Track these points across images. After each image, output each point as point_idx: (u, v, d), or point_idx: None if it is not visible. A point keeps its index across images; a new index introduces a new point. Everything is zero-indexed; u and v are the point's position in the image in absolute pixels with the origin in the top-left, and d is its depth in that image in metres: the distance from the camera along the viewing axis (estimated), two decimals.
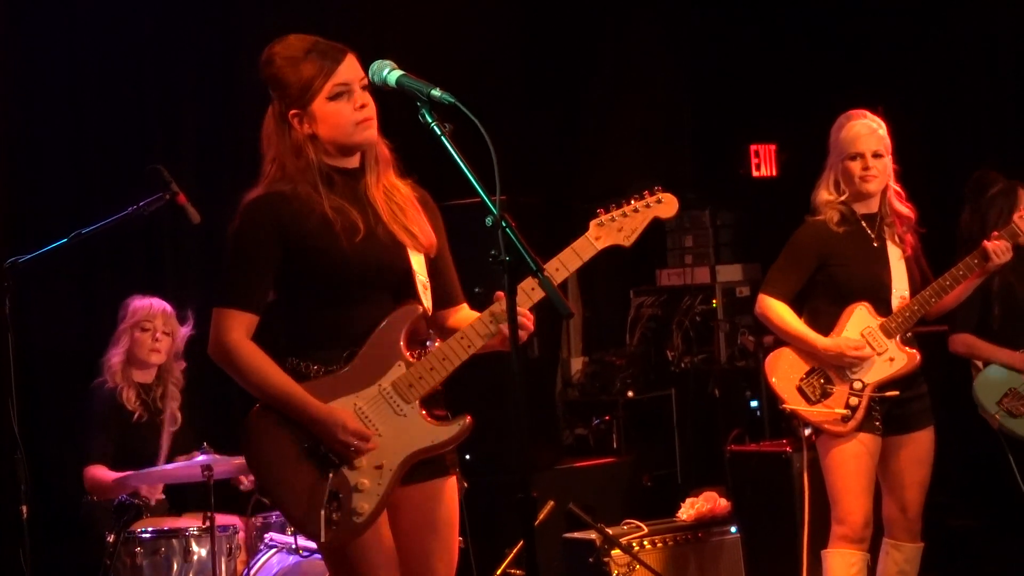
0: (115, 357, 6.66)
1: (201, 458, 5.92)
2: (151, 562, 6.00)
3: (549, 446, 8.44)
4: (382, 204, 4.33)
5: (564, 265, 4.39)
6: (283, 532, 6.39)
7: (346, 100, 4.24)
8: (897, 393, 5.90)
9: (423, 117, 3.90)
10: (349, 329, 4.24)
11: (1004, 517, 7.91)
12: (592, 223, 4.52)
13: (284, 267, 4.21)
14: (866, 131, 5.96)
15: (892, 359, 5.91)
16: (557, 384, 9.56)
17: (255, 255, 4.20)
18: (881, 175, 5.96)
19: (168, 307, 6.77)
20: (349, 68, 4.25)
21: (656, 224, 4.21)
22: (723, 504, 6.85)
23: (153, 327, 6.68)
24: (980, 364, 6.70)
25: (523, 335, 4.12)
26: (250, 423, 4.22)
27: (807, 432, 6.02)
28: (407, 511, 4.30)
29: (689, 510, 6.84)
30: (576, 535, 6.67)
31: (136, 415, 6.60)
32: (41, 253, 5.91)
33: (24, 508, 5.72)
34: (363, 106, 4.25)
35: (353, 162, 4.33)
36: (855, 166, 5.95)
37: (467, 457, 7.29)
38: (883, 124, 6.02)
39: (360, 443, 4.15)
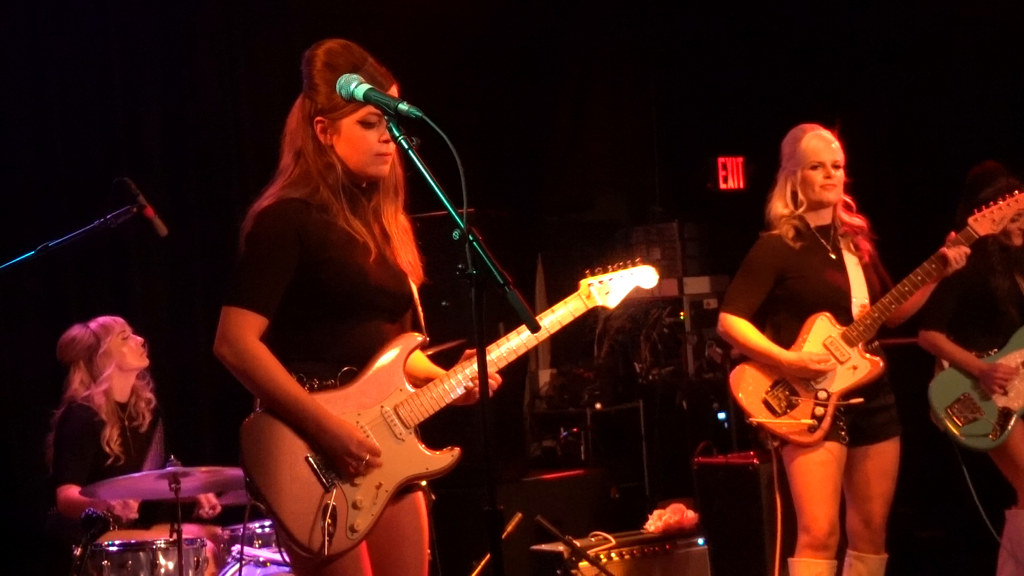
0: (100, 388, 6.56)
1: (169, 469, 5.90)
2: (118, 575, 5.98)
3: (517, 458, 8.45)
4: (390, 230, 4.35)
5: (559, 321, 4.59)
6: (251, 545, 6.39)
7: (374, 130, 4.25)
8: (862, 400, 5.93)
9: (390, 131, 3.91)
10: (347, 346, 4.25)
11: (970, 528, 7.94)
12: (583, 282, 4.66)
13: (297, 275, 4.19)
14: (824, 143, 6.04)
15: (855, 367, 5.94)
16: (525, 396, 9.56)
17: (275, 258, 4.18)
18: (839, 185, 6.03)
19: (115, 317, 6.72)
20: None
21: (624, 237, 4.29)
22: (690, 516, 6.87)
23: (128, 334, 6.64)
24: (945, 364, 6.70)
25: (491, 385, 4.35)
26: (252, 428, 4.17)
27: (775, 444, 6.05)
28: (380, 527, 4.28)
29: (657, 522, 6.85)
30: (544, 547, 6.68)
31: (111, 459, 6.54)
32: (8, 266, 5.89)
33: None
34: (387, 141, 4.24)
35: (361, 184, 4.33)
36: (816, 175, 6.00)
37: None
38: (836, 139, 6.10)
39: (373, 459, 4.18)
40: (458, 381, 4.39)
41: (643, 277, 4.79)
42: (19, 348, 7.35)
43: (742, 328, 6.03)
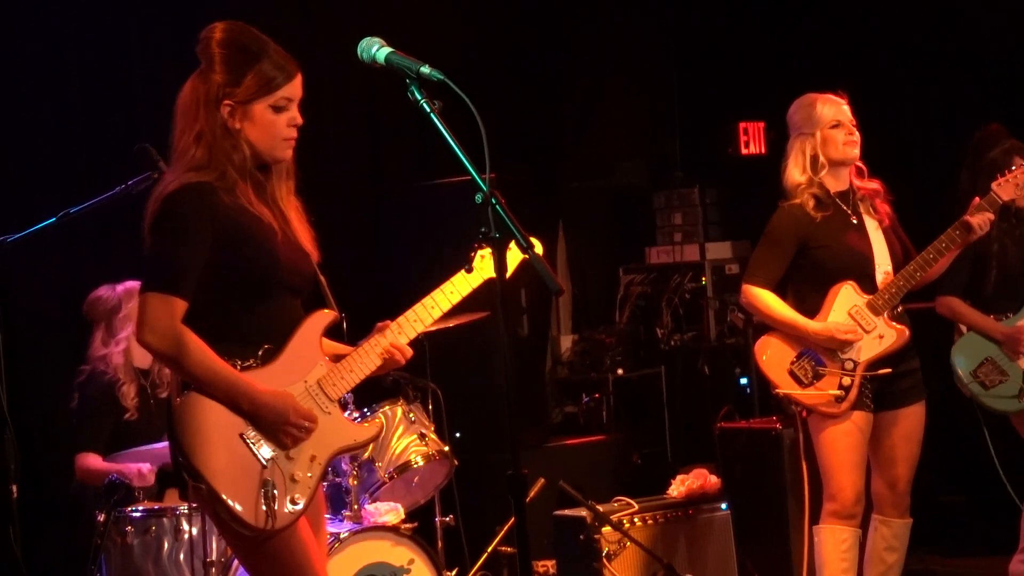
0: (117, 347, 6.58)
1: None
2: (142, 541, 5.99)
3: (539, 424, 8.45)
4: (288, 212, 4.40)
5: (456, 290, 4.56)
6: None
7: (284, 114, 4.31)
8: (890, 370, 5.92)
9: (412, 95, 3.89)
10: (263, 326, 4.29)
11: (992, 493, 7.92)
12: (475, 255, 4.59)
13: (210, 257, 4.21)
14: (838, 104, 6.04)
15: (881, 336, 5.92)
16: (547, 362, 9.56)
17: (188, 241, 4.19)
18: (859, 143, 6.02)
19: None
20: (298, 85, 4.33)
21: (645, 202, 4.27)
22: (713, 481, 6.86)
23: None
24: (964, 330, 6.68)
25: (396, 362, 4.44)
26: (184, 410, 4.19)
27: (796, 408, 6.04)
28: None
29: (679, 487, 6.84)
30: (566, 513, 6.67)
31: (129, 414, 6.55)
32: (28, 233, 5.89)
33: (14, 488, 5.71)
34: (294, 126, 4.33)
35: (264, 167, 4.38)
36: (837, 134, 5.98)
37: (457, 436, 7.31)
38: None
39: (311, 424, 4.24)
40: (375, 352, 4.43)
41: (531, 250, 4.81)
42: (40, 314, 7.35)
43: (766, 299, 6.01)
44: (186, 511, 6.00)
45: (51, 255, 7.29)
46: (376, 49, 4.04)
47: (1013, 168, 6.05)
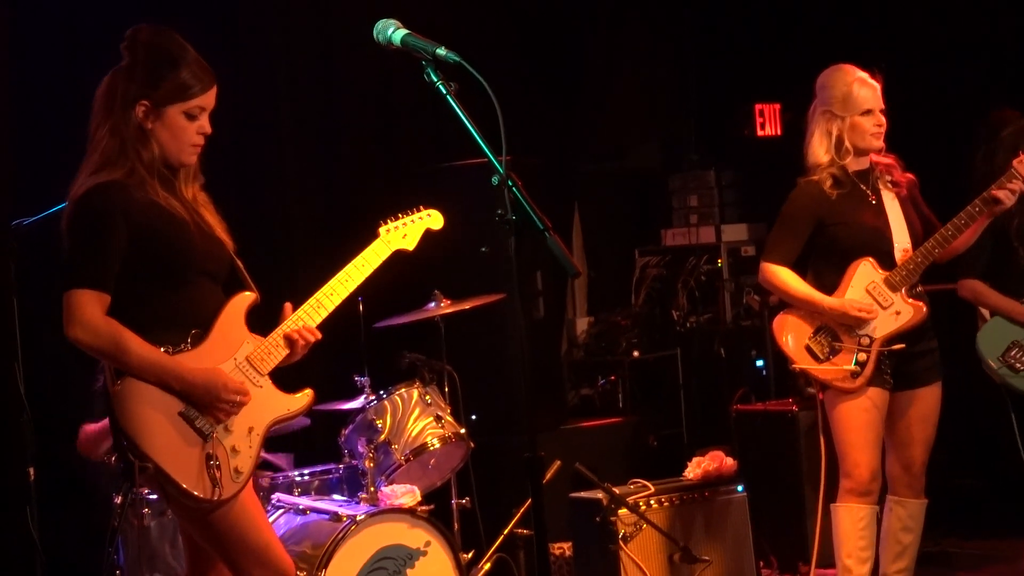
0: None
1: None
2: (158, 523, 6.02)
3: (555, 407, 8.45)
4: (198, 206, 4.60)
5: (365, 263, 4.81)
6: (291, 493, 6.41)
7: (195, 122, 4.51)
8: (904, 346, 5.91)
9: (428, 76, 3.89)
10: (188, 311, 4.48)
11: (1008, 475, 7.91)
12: (380, 230, 4.98)
13: (128, 250, 4.38)
14: (873, 89, 5.99)
15: (898, 312, 5.92)
16: (563, 345, 9.55)
17: (107, 237, 4.38)
18: (884, 132, 6.02)
19: None
20: (212, 96, 4.56)
21: (660, 184, 4.29)
22: (729, 463, 6.85)
23: None
24: (987, 314, 6.65)
25: (300, 350, 4.64)
26: (121, 395, 4.36)
27: (811, 390, 6.05)
28: None
29: (695, 469, 6.83)
30: (583, 495, 6.67)
31: None
32: (46, 215, 5.91)
33: (31, 470, 5.74)
34: (203, 134, 4.54)
35: (169, 167, 4.56)
36: (868, 122, 5.96)
37: (473, 418, 7.31)
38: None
39: (243, 397, 4.43)
40: (295, 328, 4.61)
41: (431, 220, 5.23)
42: (55, 298, 7.35)
43: (783, 276, 6.01)
44: None
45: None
46: (392, 31, 4.04)
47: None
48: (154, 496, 6.03)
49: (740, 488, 6.77)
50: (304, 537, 6.00)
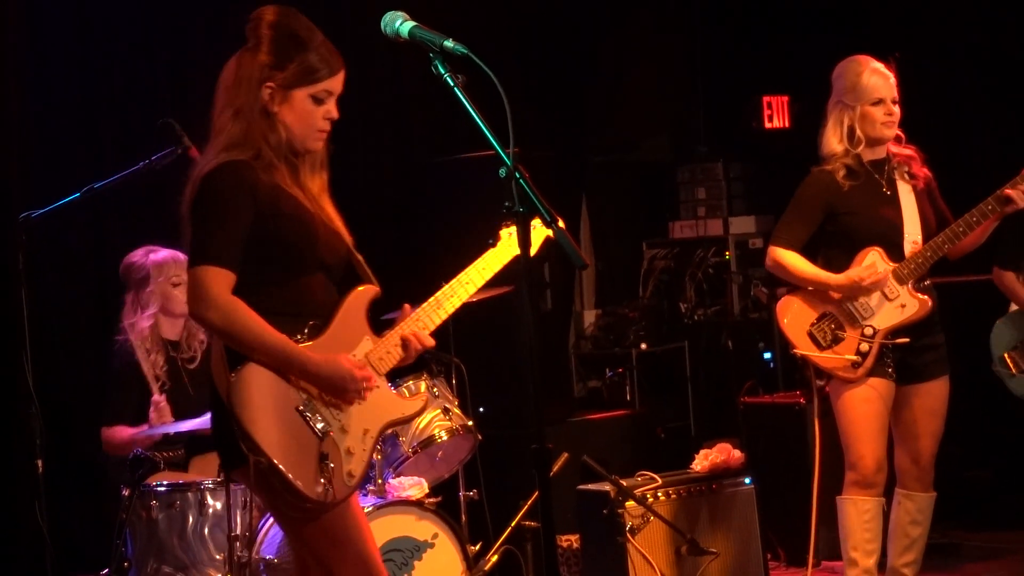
0: (144, 321, 6.56)
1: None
2: (166, 515, 6.01)
3: (563, 399, 8.46)
4: (320, 198, 4.46)
5: (488, 266, 4.68)
6: None
7: (322, 106, 4.37)
8: (907, 340, 5.91)
9: (436, 68, 3.88)
10: (306, 302, 4.34)
11: (1017, 467, 7.92)
12: (503, 232, 4.73)
13: (252, 232, 4.26)
14: (884, 78, 5.98)
15: (903, 305, 5.91)
16: (570, 337, 9.56)
17: (232, 215, 4.24)
18: (897, 120, 5.99)
19: (180, 254, 6.73)
20: (340, 80, 4.40)
21: (668, 177, 4.27)
22: (737, 455, 6.85)
23: (183, 280, 6.64)
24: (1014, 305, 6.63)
25: (413, 356, 4.50)
26: (240, 384, 4.20)
27: (820, 383, 6.04)
28: None
29: (703, 462, 6.82)
30: (590, 487, 6.67)
31: (160, 383, 6.54)
32: (54, 208, 5.92)
33: (40, 462, 5.74)
34: (329, 119, 4.39)
35: (295, 153, 4.43)
36: (877, 112, 5.94)
37: (481, 410, 7.32)
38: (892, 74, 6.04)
39: (371, 382, 4.31)
40: (413, 330, 4.50)
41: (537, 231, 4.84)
42: (66, 289, 7.37)
43: (789, 258, 6.01)
44: (211, 485, 6.01)
45: (76, 230, 7.31)
46: (400, 23, 4.03)
47: None
48: (163, 488, 6.03)
49: (748, 480, 6.77)
50: None
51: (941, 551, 7.48)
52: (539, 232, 4.54)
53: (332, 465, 4.21)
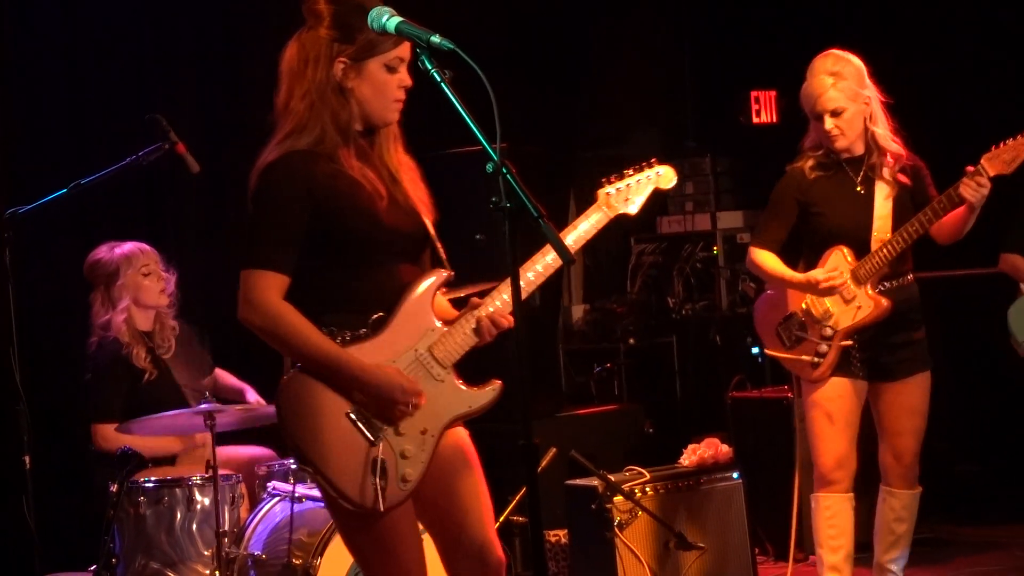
0: (119, 316, 6.55)
1: (204, 406, 5.91)
2: (154, 511, 6.01)
3: (551, 394, 8.45)
4: (397, 171, 4.30)
5: (584, 236, 4.64)
6: (286, 481, 6.41)
7: (395, 74, 4.21)
8: (853, 343, 5.86)
9: (423, 64, 3.86)
10: (371, 293, 4.18)
11: (1007, 461, 7.93)
12: (600, 192, 4.61)
13: (311, 227, 4.12)
14: (820, 89, 5.82)
15: (859, 307, 5.85)
16: (559, 332, 9.56)
17: (287, 214, 4.09)
18: (847, 130, 5.83)
19: (146, 245, 6.73)
20: (408, 46, 4.18)
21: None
22: (725, 450, 6.85)
23: (152, 270, 6.64)
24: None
25: (489, 338, 4.31)
26: (289, 389, 4.12)
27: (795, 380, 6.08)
28: (429, 473, 4.22)
29: (691, 456, 6.83)
30: (578, 482, 6.67)
31: (147, 374, 6.54)
32: (41, 204, 5.90)
33: (27, 459, 5.73)
34: (404, 87, 4.23)
35: (369, 129, 4.29)
36: (820, 126, 5.88)
37: None
38: (849, 64, 5.85)
39: (418, 400, 4.14)
40: (488, 314, 4.30)
41: (661, 178, 4.68)
42: (52, 285, 7.36)
43: (762, 257, 6.02)
44: (199, 481, 6.01)
45: (62, 226, 7.29)
46: (386, 18, 4.02)
47: (1008, 142, 5.77)
48: (150, 484, 6.03)
49: (736, 475, 6.77)
50: (300, 524, 5.99)
51: (931, 545, 7.49)
52: (643, 185, 4.60)
53: (385, 470, 4.08)
